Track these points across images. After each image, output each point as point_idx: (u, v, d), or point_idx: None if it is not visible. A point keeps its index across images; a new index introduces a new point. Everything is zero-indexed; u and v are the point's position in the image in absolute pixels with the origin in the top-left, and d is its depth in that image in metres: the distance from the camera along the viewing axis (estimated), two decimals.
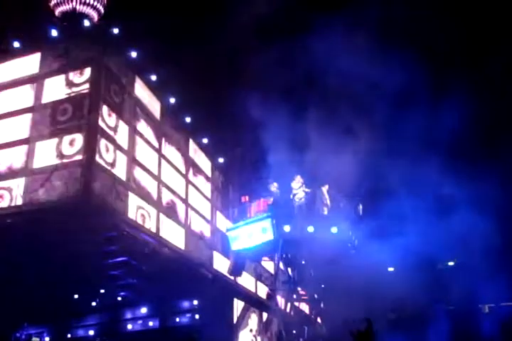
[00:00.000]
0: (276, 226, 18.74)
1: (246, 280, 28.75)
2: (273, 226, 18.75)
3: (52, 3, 23.36)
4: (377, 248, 20.69)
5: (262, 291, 31.42)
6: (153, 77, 22.68)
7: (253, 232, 19.35)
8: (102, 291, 25.98)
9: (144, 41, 21.79)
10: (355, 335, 13.88)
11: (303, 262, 21.31)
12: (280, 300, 22.29)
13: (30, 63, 20.87)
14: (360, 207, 19.61)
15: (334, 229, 18.65)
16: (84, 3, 23.76)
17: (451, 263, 28.99)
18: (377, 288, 24.92)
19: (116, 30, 20.51)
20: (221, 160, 28.46)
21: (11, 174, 19.46)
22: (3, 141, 20.15)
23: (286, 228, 18.68)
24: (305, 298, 22.40)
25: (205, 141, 26.91)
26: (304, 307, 26.73)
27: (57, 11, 21.49)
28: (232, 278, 25.65)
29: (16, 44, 20.93)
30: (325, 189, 19.43)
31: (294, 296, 21.18)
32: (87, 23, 20.48)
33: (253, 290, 30.17)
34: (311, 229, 18.61)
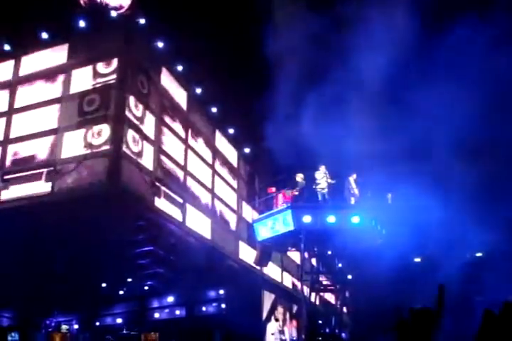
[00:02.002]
0: (298, 217, 18.70)
1: (272, 271, 28.80)
2: (294, 217, 18.73)
3: None
4: (405, 238, 20.51)
5: (288, 281, 31.48)
6: (180, 67, 22.72)
7: (276, 223, 19.39)
8: (130, 280, 26.19)
9: (170, 31, 21.76)
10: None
11: (329, 252, 21.27)
12: (306, 291, 22.29)
13: (59, 54, 21.03)
14: (389, 195, 19.42)
15: (356, 219, 18.49)
16: None
17: (479, 254, 28.66)
18: (404, 279, 24.76)
19: (142, 21, 20.58)
20: (247, 150, 28.45)
21: (40, 163, 19.70)
22: (33, 131, 20.37)
23: (306, 218, 18.60)
24: (331, 288, 22.36)
25: (231, 131, 26.92)
26: (330, 298, 26.70)
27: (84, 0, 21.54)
28: (258, 268, 25.71)
29: (45, 35, 21.09)
30: (352, 178, 19.30)
31: (319, 286, 21.16)
32: (113, 13, 20.55)
33: (279, 280, 30.23)
34: (332, 219, 18.50)
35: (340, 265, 21.11)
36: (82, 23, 20.53)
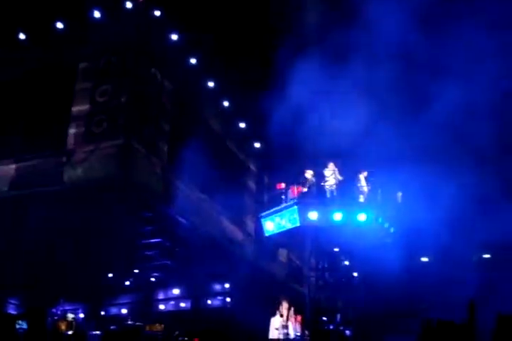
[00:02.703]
0: (304, 213, 18.68)
1: (278, 266, 28.80)
2: (300, 214, 18.72)
3: None
4: (413, 237, 20.48)
5: (294, 277, 31.49)
6: (193, 61, 22.68)
7: (283, 219, 19.40)
8: (136, 271, 26.31)
9: (185, 24, 21.76)
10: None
11: (335, 249, 21.27)
12: (311, 287, 22.32)
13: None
14: (399, 194, 19.37)
15: (362, 217, 18.45)
16: None
17: (486, 256, 28.54)
18: (411, 278, 24.72)
19: (157, 13, 20.56)
20: (257, 145, 28.41)
21: (50, 153, 19.79)
22: (44, 119, 20.48)
23: (313, 215, 18.58)
24: (335, 285, 22.37)
25: (242, 125, 26.89)
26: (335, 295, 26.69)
27: None
28: (264, 263, 25.75)
29: (60, 25, 21.12)
30: (363, 176, 19.25)
31: (324, 283, 21.18)
32: (129, 4, 20.54)
33: (285, 276, 30.23)
34: (338, 216, 18.46)
35: (346, 262, 21.13)
36: (96, 14, 20.54)
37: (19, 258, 21.90)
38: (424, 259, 27.52)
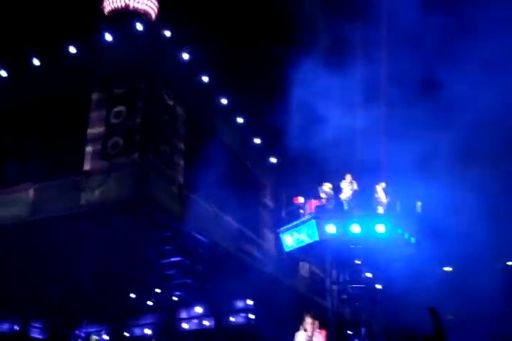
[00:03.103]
0: (322, 227, 18.51)
1: (300, 280, 28.62)
2: (318, 228, 18.56)
3: (104, 3, 23.74)
4: (436, 247, 20.22)
5: (316, 291, 31.25)
6: (205, 79, 22.80)
7: (302, 234, 19.24)
8: (158, 291, 26.26)
9: (196, 43, 21.93)
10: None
11: (357, 262, 21.05)
12: (334, 301, 22.07)
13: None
14: (419, 204, 19.13)
15: (381, 228, 18.19)
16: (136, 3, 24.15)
17: (510, 263, 28.19)
18: (435, 288, 24.43)
19: (168, 33, 20.73)
20: (273, 160, 28.41)
21: (67, 176, 19.88)
22: (60, 142, 20.62)
23: (331, 229, 18.38)
24: (359, 298, 22.12)
25: (257, 141, 26.92)
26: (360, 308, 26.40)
27: (108, 10, 21.85)
28: (286, 277, 25.59)
29: (72, 49, 21.35)
30: (380, 187, 19.07)
31: (348, 297, 20.94)
32: (139, 26, 20.74)
33: (307, 290, 30.02)
34: (356, 228, 18.24)
35: (368, 275, 20.87)
36: (108, 36, 20.75)
37: (41, 282, 21.99)
38: (448, 269, 27.22)
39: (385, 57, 22.01)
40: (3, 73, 22.64)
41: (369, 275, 20.64)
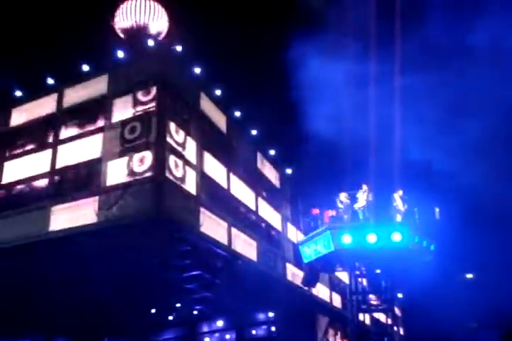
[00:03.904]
0: (337, 237, 18.36)
1: (320, 291, 28.47)
2: (333, 239, 18.43)
3: (115, 21, 24.03)
4: (455, 253, 19.95)
5: (337, 302, 31.07)
6: (218, 92, 22.94)
7: (318, 245, 19.13)
8: (178, 305, 26.27)
9: (207, 56, 22.11)
10: None
11: (377, 271, 20.89)
12: (355, 311, 21.90)
13: (99, 85, 21.50)
14: (437, 210, 18.91)
15: (397, 236, 17.93)
16: (147, 19, 24.45)
17: None
18: (457, 295, 24.12)
19: (179, 48, 20.92)
20: (289, 171, 28.42)
21: (85, 193, 20.01)
22: (77, 161, 20.77)
23: (346, 239, 18.21)
24: (380, 307, 21.92)
25: (272, 152, 26.98)
26: (381, 317, 26.18)
27: (120, 28, 22.09)
28: (306, 288, 25.46)
29: (85, 67, 21.62)
30: (398, 195, 18.93)
31: (369, 306, 20.76)
32: (150, 42, 20.95)
33: (328, 301, 29.86)
34: (372, 238, 18.04)
35: (388, 283, 20.69)
36: (120, 54, 21.00)
37: (64, 298, 22.09)
38: (469, 276, 26.89)
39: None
40: (19, 93, 22.96)
41: (389, 284, 20.47)
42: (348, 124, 21.79)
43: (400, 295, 22.68)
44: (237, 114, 24.18)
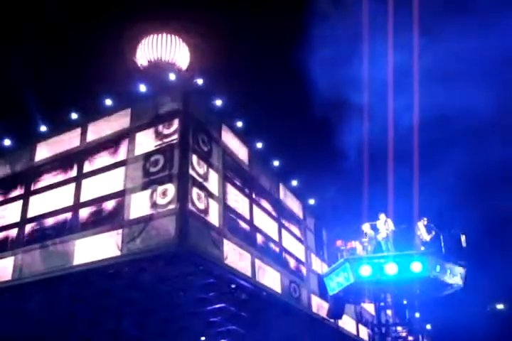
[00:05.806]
0: (356, 269, 18.02)
1: (347, 323, 28.01)
2: (352, 270, 18.11)
3: (137, 56, 24.44)
4: (485, 282, 19.46)
5: (364, 334, 30.50)
6: (239, 124, 23.09)
7: (339, 277, 18.86)
8: (203, 339, 25.97)
9: (228, 88, 22.32)
10: None
11: (404, 302, 20.51)
12: None
13: (122, 119, 21.78)
14: (463, 237, 18.48)
15: (417, 267, 17.36)
16: (168, 53, 24.84)
17: None
18: (488, 326, 23.52)
19: (200, 81, 21.18)
20: (312, 202, 28.30)
21: (109, 226, 20.08)
22: (101, 194, 20.92)
23: (365, 270, 17.80)
24: (408, 339, 21.44)
25: (294, 183, 26.93)
26: None
27: (142, 63, 22.46)
28: (332, 321, 25.08)
29: (108, 101, 21.96)
30: (421, 224, 18.64)
31: (395, 338, 20.32)
32: (172, 76, 21.24)
33: (355, 333, 29.34)
34: (392, 268, 17.55)
35: (414, 314, 20.27)
36: (142, 87, 21.30)
37: (88, 332, 22.01)
38: (500, 306, 26.27)
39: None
40: (43, 128, 23.34)
41: (417, 315, 20.08)
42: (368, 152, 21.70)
43: (428, 327, 22.14)
44: (259, 145, 24.28)
